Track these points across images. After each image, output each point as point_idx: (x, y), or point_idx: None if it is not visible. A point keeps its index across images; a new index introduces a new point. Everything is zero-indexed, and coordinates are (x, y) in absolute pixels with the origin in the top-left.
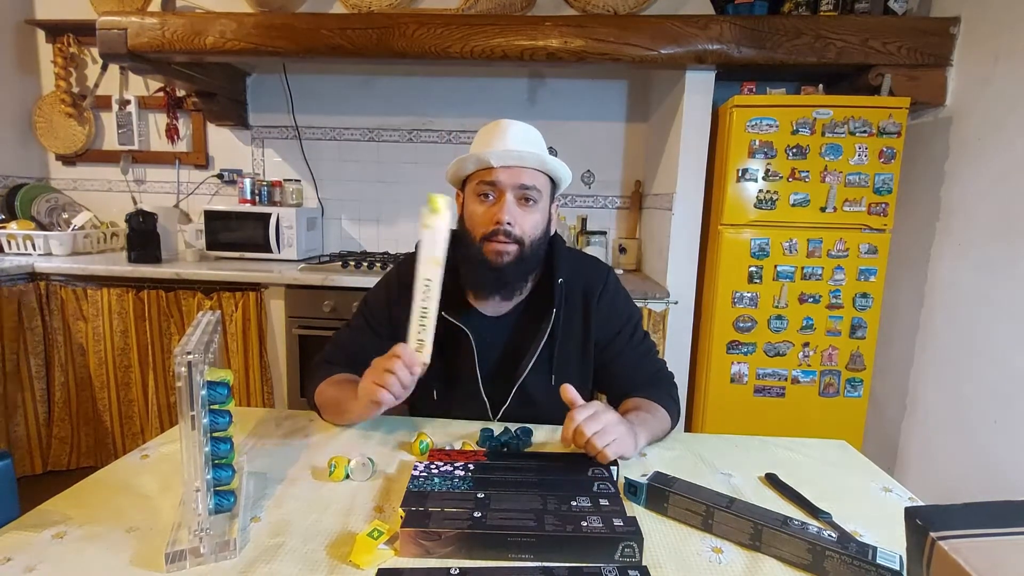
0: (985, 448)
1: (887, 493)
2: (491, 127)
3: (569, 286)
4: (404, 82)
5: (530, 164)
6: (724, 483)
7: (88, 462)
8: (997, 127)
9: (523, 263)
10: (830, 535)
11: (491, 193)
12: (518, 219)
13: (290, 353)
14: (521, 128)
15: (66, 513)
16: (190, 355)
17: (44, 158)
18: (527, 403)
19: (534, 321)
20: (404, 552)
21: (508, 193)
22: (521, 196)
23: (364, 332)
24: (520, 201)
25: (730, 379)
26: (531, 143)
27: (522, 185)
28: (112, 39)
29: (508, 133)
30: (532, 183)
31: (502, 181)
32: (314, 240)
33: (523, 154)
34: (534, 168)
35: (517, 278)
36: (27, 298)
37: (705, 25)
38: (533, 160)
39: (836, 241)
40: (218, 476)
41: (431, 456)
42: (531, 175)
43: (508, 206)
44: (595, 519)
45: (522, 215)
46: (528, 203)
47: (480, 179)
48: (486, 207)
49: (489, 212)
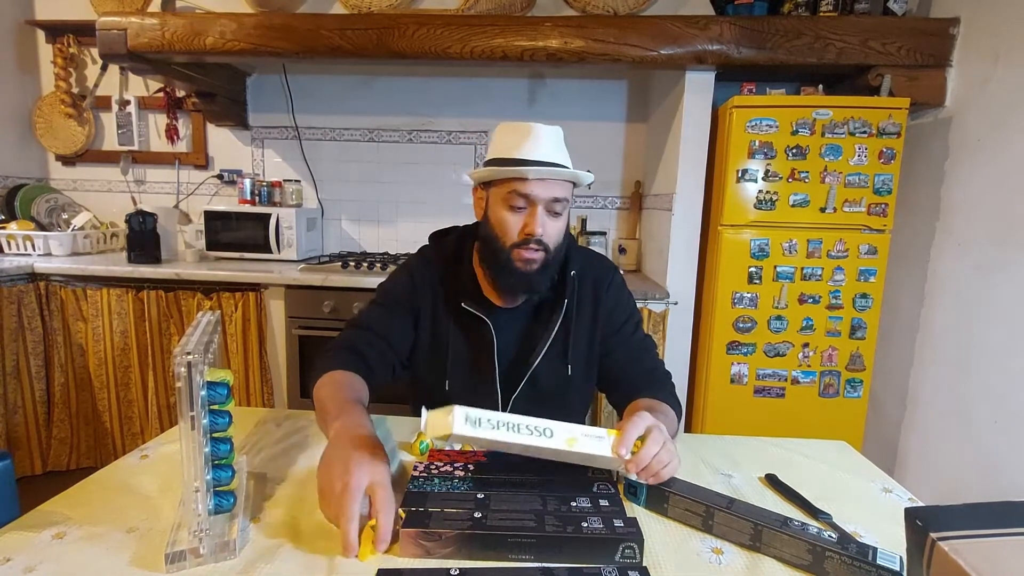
0: (985, 448)
1: (887, 494)
2: (521, 131)
3: (580, 278)
4: (404, 82)
5: (567, 177)
6: (724, 484)
7: (88, 462)
8: (997, 127)
9: (548, 268)
10: (830, 536)
11: (523, 203)
12: (547, 229)
13: (290, 353)
14: (552, 136)
15: (66, 513)
16: (190, 355)
17: (44, 158)
18: (537, 393)
19: (547, 311)
20: (404, 552)
21: (540, 205)
22: (551, 208)
23: (390, 310)
24: (549, 212)
25: (730, 380)
26: (560, 150)
27: (555, 199)
28: (112, 39)
29: (541, 142)
30: (563, 195)
31: (536, 194)
32: (314, 240)
33: (560, 171)
34: (567, 179)
35: (543, 282)
36: (27, 298)
37: (705, 26)
38: (568, 175)
39: (836, 242)
40: (218, 476)
41: (431, 456)
42: (563, 188)
43: (541, 218)
44: (595, 520)
45: (551, 224)
46: (557, 214)
47: (512, 188)
48: (518, 217)
49: (520, 221)
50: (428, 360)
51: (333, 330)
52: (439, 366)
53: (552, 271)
